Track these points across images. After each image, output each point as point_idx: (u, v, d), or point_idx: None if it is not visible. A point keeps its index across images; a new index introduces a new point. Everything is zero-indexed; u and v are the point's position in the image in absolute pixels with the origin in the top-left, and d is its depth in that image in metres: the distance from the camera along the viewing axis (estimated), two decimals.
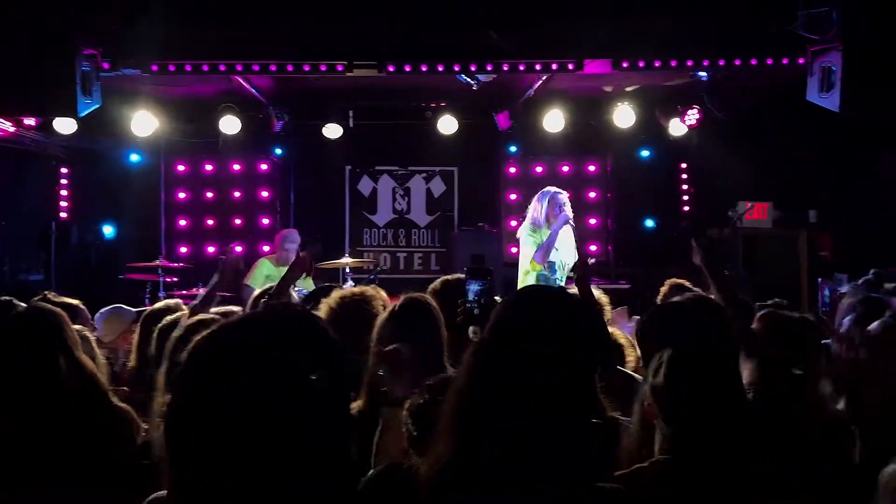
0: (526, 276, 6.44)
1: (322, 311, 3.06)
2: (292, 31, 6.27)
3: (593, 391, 1.79)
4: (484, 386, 1.74)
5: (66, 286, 7.89)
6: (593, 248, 10.27)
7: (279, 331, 1.34)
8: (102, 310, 4.83)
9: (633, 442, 2.23)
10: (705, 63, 6.33)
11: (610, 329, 2.92)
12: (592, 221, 10.29)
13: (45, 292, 4.12)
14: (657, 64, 6.30)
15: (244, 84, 7.79)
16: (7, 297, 4.57)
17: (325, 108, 9.11)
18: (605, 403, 2.24)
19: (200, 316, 3.47)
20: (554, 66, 6.26)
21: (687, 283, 4.30)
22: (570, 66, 6.24)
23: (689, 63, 6.34)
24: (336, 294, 3.22)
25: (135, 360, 3.85)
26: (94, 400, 2.33)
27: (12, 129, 7.96)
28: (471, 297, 2.51)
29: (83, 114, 5.46)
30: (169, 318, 3.72)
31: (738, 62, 6.20)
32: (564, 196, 6.49)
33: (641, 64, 6.27)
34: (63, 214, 9.61)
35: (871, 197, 9.15)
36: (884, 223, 8.63)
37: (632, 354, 3.40)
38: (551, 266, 6.35)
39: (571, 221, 6.35)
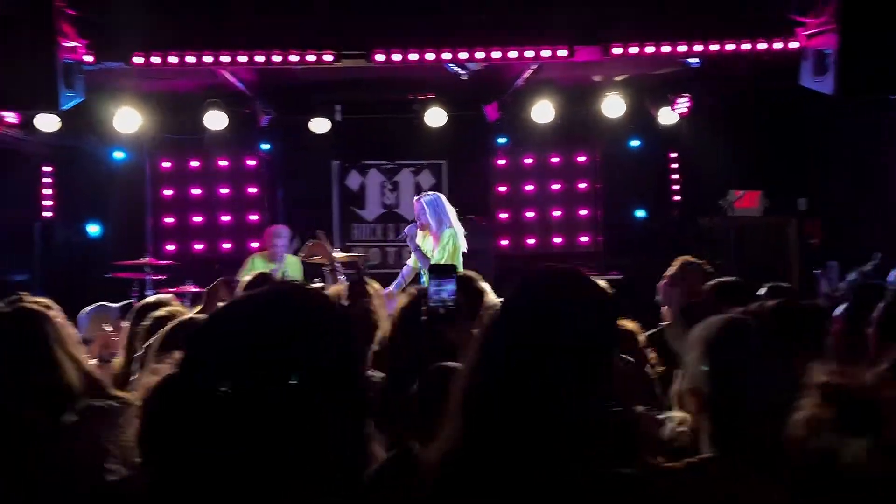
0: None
1: None
2: (278, 21, 6.18)
3: (608, 377, 1.72)
4: (494, 369, 1.67)
5: (50, 286, 7.76)
6: (584, 238, 10.24)
7: (286, 308, 1.28)
8: (86, 308, 4.72)
9: (681, 435, 2.10)
10: (697, 49, 6.27)
11: None
12: (583, 212, 10.24)
13: (19, 293, 4.00)
14: (648, 50, 6.24)
15: (229, 78, 7.67)
16: None
17: (311, 102, 9.01)
18: (627, 394, 2.11)
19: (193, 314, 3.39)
20: (545, 54, 6.18)
21: (696, 260, 4.25)
22: (562, 54, 6.16)
23: (681, 49, 6.28)
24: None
25: (124, 356, 3.74)
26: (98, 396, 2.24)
27: None
28: (434, 296, 2.39)
29: (65, 107, 5.35)
30: (164, 310, 3.61)
31: (730, 47, 6.14)
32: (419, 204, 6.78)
33: (633, 50, 6.21)
34: (47, 213, 9.45)
35: (859, 184, 9.15)
36: (871, 211, 8.63)
37: (642, 339, 3.33)
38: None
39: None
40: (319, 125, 9.05)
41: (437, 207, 6.70)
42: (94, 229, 9.69)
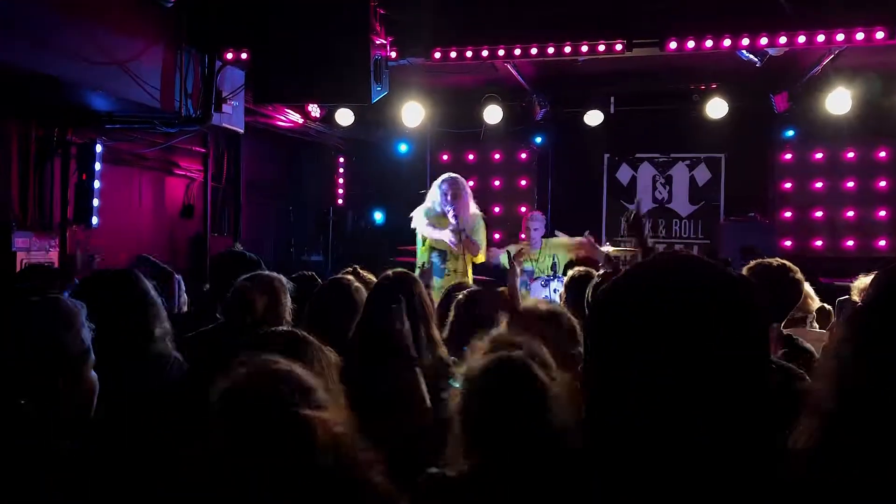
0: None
1: None
2: (566, 11, 6.17)
3: None
4: (866, 350, 1.57)
5: (339, 268, 8.42)
6: (882, 242, 9.28)
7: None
8: None
9: None
10: None
11: None
12: (882, 213, 9.29)
13: (354, 266, 4.37)
14: None
15: (511, 71, 7.81)
16: (310, 272, 4.97)
17: (586, 94, 8.96)
18: None
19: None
20: (859, 37, 5.64)
21: None
22: (880, 36, 5.59)
23: None
24: None
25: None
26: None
27: (300, 121, 8.62)
28: None
29: (374, 100, 5.73)
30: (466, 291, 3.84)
31: None
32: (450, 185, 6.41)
33: None
34: (339, 201, 10.31)
35: None
36: None
37: None
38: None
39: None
40: (593, 118, 8.99)
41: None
42: (378, 216, 10.40)
